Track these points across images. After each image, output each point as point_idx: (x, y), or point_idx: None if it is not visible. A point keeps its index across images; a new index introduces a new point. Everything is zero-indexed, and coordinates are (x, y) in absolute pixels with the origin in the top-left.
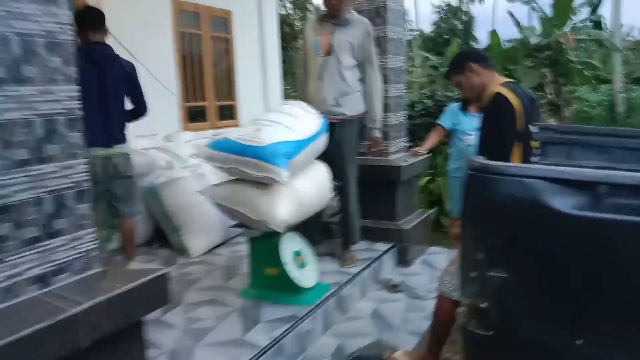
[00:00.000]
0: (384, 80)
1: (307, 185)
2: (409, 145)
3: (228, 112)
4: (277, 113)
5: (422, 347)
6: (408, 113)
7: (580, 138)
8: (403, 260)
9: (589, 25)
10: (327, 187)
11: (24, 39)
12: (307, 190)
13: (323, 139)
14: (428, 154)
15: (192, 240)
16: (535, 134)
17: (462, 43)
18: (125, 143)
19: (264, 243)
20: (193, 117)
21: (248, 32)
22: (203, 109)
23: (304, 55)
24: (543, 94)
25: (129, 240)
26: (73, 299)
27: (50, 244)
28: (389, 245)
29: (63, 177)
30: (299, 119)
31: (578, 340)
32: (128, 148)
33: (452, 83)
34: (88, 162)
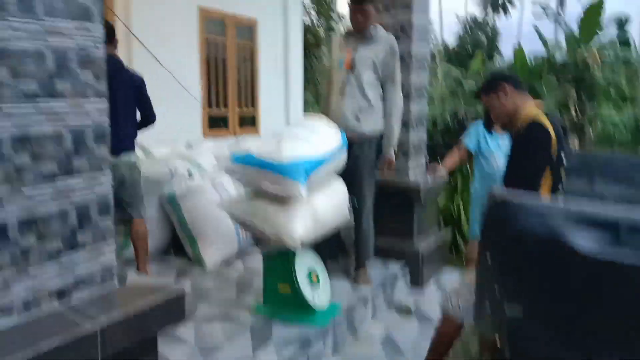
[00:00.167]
0: (407, 96)
1: (324, 202)
2: (429, 163)
3: (249, 119)
4: (298, 128)
5: None
6: (429, 129)
7: (603, 165)
8: (417, 281)
9: (616, 44)
10: (344, 204)
11: (58, 54)
12: (324, 207)
13: (342, 156)
14: (448, 173)
15: (207, 251)
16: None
17: (486, 57)
18: (134, 151)
19: (279, 259)
20: (214, 123)
21: (272, 40)
22: (224, 116)
23: (330, 70)
24: (567, 113)
25: (141, 245)
26: (92, 314)
27: (72, 257)
28: (404, 266)
29: (88, 190)
30: (320, 136)
31: None
32: (135, 156)
33: (482, 102)
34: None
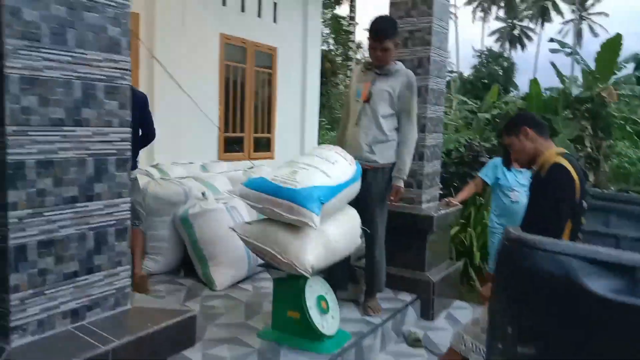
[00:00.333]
0: (422, 129)
1: (337, 231)
2: (442, 194)
3: (264, 144)
4: (313, 157)
5: None
6: (443, 160)
7: (619, 206)
8: (427, 313)
9: (633, 81)
10: (356, 233)
11: (85, 83)
12: (336, 236)
13: (357, 186)
14: (461, 205)
15: (218, 273)
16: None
17: (501, 89)
18: (135, 168)
19: (289, 285)
20: (230, 147)
21: (291, 67)
22: (240, 140)
23: (348, 101)
24: (582, 147)
25: (137, 250)
26: (104, 335)
27: (87, 279)
28: (414, 297)
29: (107, 214)
30: (335, 165)
31: None
32: (135, 174)
33: (503, 141)
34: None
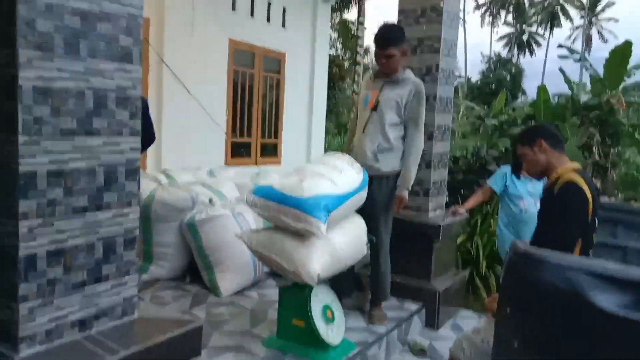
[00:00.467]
0: (430, 137)
1: (343, 239)
2: (449, 202)
3: (271, 149)
4: (321, 165)
5: None
6: (450, 167)
7: (626, 217)
8: (432, 322)
9: None
10: (362, 241)
11: (97, 93)
12: (342, 244)
13: (363, 194)
14: (467, 213)
15: (223, 279)
16: None
17: (509, 95)
18: None
19: (294, 294)
20: (236, 152)
21: (299, 73)
22: (247, 145)
23: (357, 107)
24: (589, 155)
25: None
26: (111, 345)
27: (95, 289)
28: (420, 305)
29: (116, 224)
30: (342, 173)
31: None
32: None
33: (516, 151)
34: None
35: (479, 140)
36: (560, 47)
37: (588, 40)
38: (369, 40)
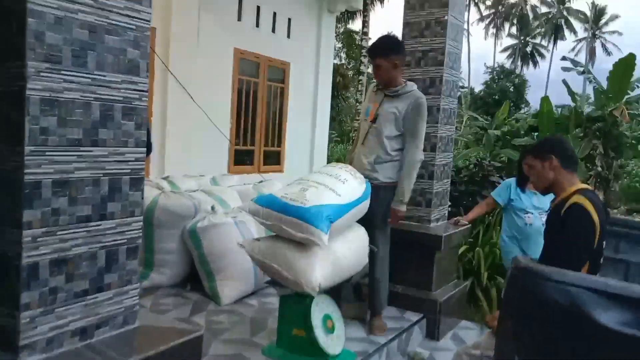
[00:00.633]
0: (433, 149)
1: (345, 249)
2: (451, 213)
3: (273, 157)
4: (324, 175)
5: None
6: (452, 179)
7: (629, 231)
8: (433, 333)
9: None
10: (365, 251)
11: (103, 104)
12: (344, 254)
13: (366, 204)
14: (469, 224)
15: (224, 287)
16: None
17: (512, 106)
18: None
19: (295, 303)
20: (240, 160)
21: (303, 82)
22: (250, 153)
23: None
24: (592, 166)
25: None
26: (111, 354)
27: (97, 298)
28: (420, 316)
29: (119, 233)
30: (345, 183)
31: None
32: None
33: (525, 161)
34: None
35: (482, 151)
36: (564, 59)
37: (592, 53)
38: None
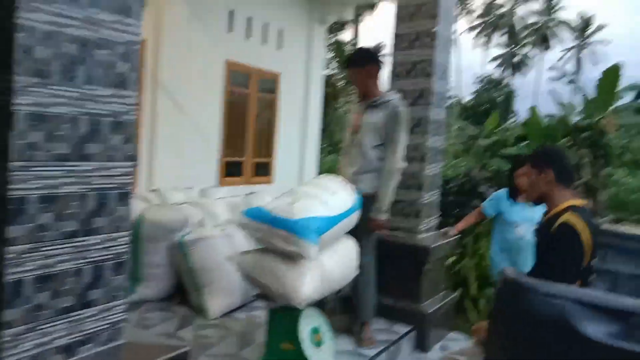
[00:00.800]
0: (422, 159)
1: (333, 261)
2: (440, 223)
3: (264, 168)
4: (313, 187)
5: None
6: (442, 188)
7: (616, 242)
8: (421, 345)
9: (632, 110)
10: (354, 263)
11: (92, 119)
12: (333, 267)
13: (355, 216)
14: (458, 235)
15: (211, 301)
16: None
17: (501, 115)
18: None
19: (283, 317)
20: (229, 172)
21: (293, 93)
22: (240, 164)
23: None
24: (580, 176)
25: None
26: None
27: (82, 314)
28: (409, 328)
29: (105, 249)
30: (335, 195)
31: None
32: None
33: (520, 171)
34: None
35: (471, 161)
36: (552, 69)
37: (579, 62)
38: None
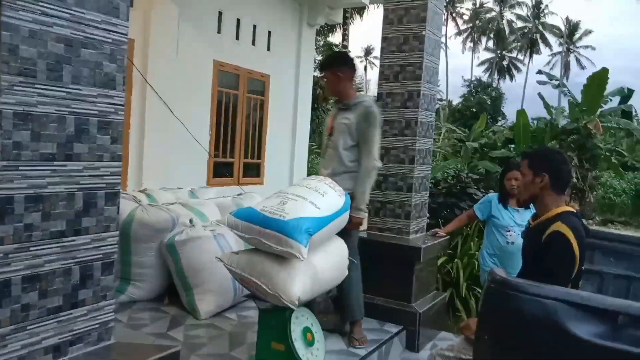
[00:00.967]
0: (411, 161)
1: (324, 262)
2: (430, 225)
3: (253, 169)
4: (303, 188)
5: None
6: (430, 191)
7: (604, 243)
8: (412, 345)
9: (618, 113)
10: (344, 263)
11: (78, 118)
12: (324, 267)
13: (345, 217)
14: (448, 235)
15: (202, 301)
16: None
17: (489, 118)
18: None
19: (274, 316)
20: (219, 172)
21: (283, 94)
22: (230, 165)
23: None
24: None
25: None
26: None
27: (71, 314)
28: (400, 328)
29: (93, 248)
30: (325, 196)
31: None
32: None
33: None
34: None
35: (460, 163)
36: (540, 73)
37: (566, 67)
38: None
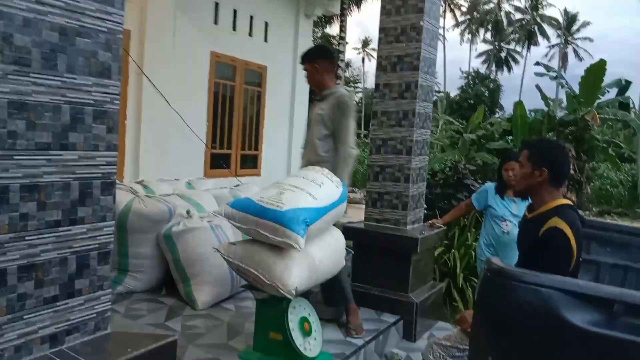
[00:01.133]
0: (409, 152)
1: (322, 252)
2: (427, 215)
3: (250, 160)
4: (300, 178)
5: None
6: (428, 182)
7: (600, 233)
8: (410, 334)
9: (616, 105)
10: (342, 254)
11: (74, 108)
12: (321, 257)
13: (342, 208)
14: (445, 227)
15: (200, 292)
16: None
17: (487, 110)
18: None
19: (272, 306)
20: (216, 163)
21: (280, 85)
22: (227, 156)
23: None
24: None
25: None
26: None
27: (68, 303)
28: (397, 318)
29: (90, 238)
30: (322, 187)
31: None
32: None
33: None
34: None
35: (457, 154)
36: (537, 64)
37: (564, 59)
38: (350, 55)
